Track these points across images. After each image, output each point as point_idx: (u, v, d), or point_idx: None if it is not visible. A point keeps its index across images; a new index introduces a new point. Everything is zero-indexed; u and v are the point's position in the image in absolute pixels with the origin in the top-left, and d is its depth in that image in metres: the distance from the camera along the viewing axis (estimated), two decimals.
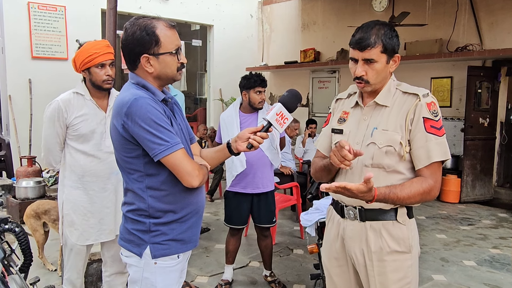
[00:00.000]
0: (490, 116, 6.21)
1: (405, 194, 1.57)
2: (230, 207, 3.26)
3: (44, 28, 6.24)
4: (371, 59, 1.60)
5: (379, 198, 1.54)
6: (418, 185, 1.58)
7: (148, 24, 1.52)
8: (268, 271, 3.44)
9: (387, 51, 1.61)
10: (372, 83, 1.65)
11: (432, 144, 1.58)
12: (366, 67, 1.62)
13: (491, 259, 4.00)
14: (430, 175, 1.59)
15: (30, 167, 5.23)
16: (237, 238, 3.33)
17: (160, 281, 1.60)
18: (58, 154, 2.38)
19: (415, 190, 1.57)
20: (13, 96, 6.07)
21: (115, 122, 1.53)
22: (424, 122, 1.59)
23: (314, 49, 7.96)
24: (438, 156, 1.58)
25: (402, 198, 1.57)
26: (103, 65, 2.26)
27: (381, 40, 1.59)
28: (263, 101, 3.14)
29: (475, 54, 5.87)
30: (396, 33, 1.67)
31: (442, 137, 1.60)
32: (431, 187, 1.58)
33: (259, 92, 3.10)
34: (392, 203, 1.60)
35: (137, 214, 1.58)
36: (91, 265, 2.96)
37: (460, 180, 6.16)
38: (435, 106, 1.62)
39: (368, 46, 1.59)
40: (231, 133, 3.08)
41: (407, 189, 1.58)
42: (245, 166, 3.07)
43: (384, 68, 1.64)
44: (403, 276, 1.67)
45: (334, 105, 1.92)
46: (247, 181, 3.15)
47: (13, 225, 2.16)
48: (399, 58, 1.68)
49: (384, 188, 1.57)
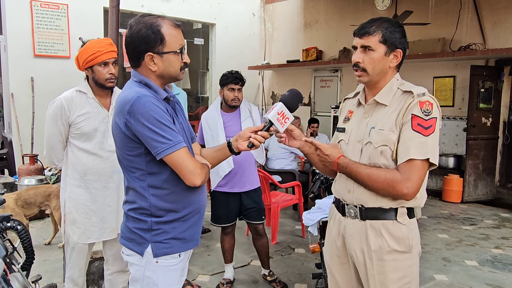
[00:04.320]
0: (493, 115, 6.19)
1: (366, 172, 1.61)
2: (218, 206, 3.22)
3: (47, 26, 6.25)
4: (369, 46, 1.63)
5: (341, 162, 1.68)
6: (383, 172, 1.59)
7: (154, 22, 1.52)
8: (267, 270, 3.42)
9: (387, 42, 1.63)
10: (369, 73, 1.66)
11: (414, 142, 1.55)
12: (363, 55, 1.66)
13: (493, 259, 3.99)
14: (404, 171, 1.56)
15: (32, 165, 5.24)
16: (230, 236, 3.32)
17: (161, 280, 1.59)
18: (61, 152, 2.38)
19: (377, 173, 1.59)
20: (15, 94, 6.07)
21: (118, 120, 1.52)
22: (412, 119, 1.57)
23: (316, 48, 7.95)
24: (416, 154, 1.54)
25: (363, 174, 1.61)
26: (106, 63, 2.26)
27: (381, 30, 1.63)
28: (236, 99, 3.10)
29: (478, 53, 5.84)
30: (402, 30, 1.66)
31: (428, 137, 1.56)
32: (395, 180, 1.55)
33: (231, 89, 3.08)
34: (354, 177, 1.66)
35: (138, 212, 1.58)
36: (93, 263, 2.96)
37: (462, 180, 6.13)
38: (429, 106, 1.58)
39: (367, 33, 1.64)
40: (215, 134, 3.07)
41: (370, 170, 1.61)
42: (232, 165, 3.05)
43: (382, 59, 1.64)
44: (403, 276, 1.66)
45: (342, 105, 1.94)
46: (235, 180, 3.13)
47: (15, 223, 2.16)
48: (401, 54, 1.66)
49: (350, 160, 1.68)
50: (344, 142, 1.77)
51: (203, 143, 3.17)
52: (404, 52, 1.68)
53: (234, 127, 3.09)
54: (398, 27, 1.66)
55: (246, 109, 3.21)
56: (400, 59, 1.67)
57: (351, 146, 1.73)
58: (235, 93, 3.09)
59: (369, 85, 1.72)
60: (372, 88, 1.72)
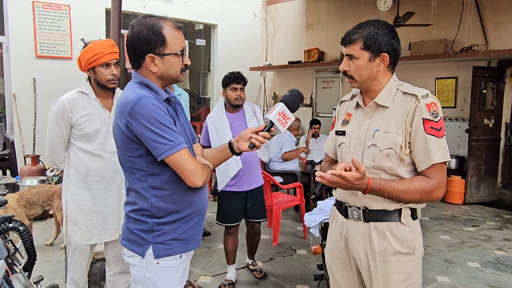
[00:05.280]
0: (495, 117, 6.17)
1: (402, 188, 1.57)
2: (225, 206, 3.26)
3: (49, 27, 6.26)
4: (351, 54, 1.66)
5: (373, 187, 1.56)
6: (418, 182, 1.58)
7: (155, 23, 1.52)
8: (251, 260, 3.58)
9: (369, 48, 1.62)
10: (356, 79, 1.68)
11: (432, 145, 1.56)
12: (349, 63, 1.68)
13: (496, 260, 3.98)
14: (434, 177, 1.57)
15: (34, 166, 5.24)
16: (234, 237, 3.33)
17: (162, 281, 1.59)
18: (63, 153, 2.38)
19: (413, 186, 1.57)
20: (17, 95, 6.09)
21: (118, 121, 1.52)
22: (424, 123, 1.57)
23: (318, 49, 7.94)
24: (439, 157, 1.56)
25: (399, 191, 1.57)
26: (108, 64, 2.27)
27: (362, 37, 1.62)
28: (239, 98, 3.16)
29: (480, 54, 5.83)
30: (389, 31, 1.63)
31: (442, 139, 1.58)
32: (432, 187, 1.57)
33: (234, 89, 3.14)
34: (388, 196, 1.59)
35: (139, 213, 1.58)
36: (95, 264, 2.96)
37: (464, 181, 6.12)
38: (436, 107, 1.59)
39: (349, 42, 1.66)
40: (222, 135, 3.09)
41: (405, 184, 1.58)
42: (241, 165, 3.11)
43: (367, 65, 1.64)
44: (407, 278, 1.66)
45: (339, 108, 1.93)
46: (243, 179, 3.19)
47: (17, 224, 2.16)
48: (388, 58, 1.63)
49: (380, 179, 1.58)
50: (345, 145, 1.76)
51: (208, 145, 3.20)
52: (393, 53, 1.64)
53: (240, 127, 3.11)
54: (385, 29, 1.63)
55: (250, 109, 3.26)
56: (388, 62, 1.64)
57: (353, 148, 1.73)
58: (237, 93, 3.14)
59: (362, 89, 1.74)
60: (367, 92, 1.73)
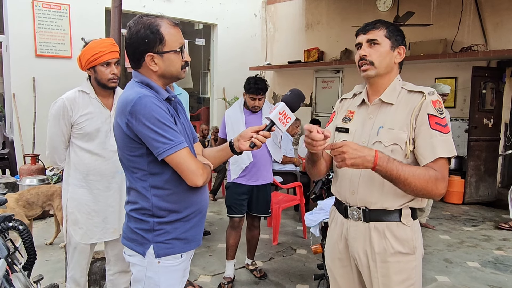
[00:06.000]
0: (495, 117, 6.18)
1: (410, 170, 1.50)
2: (229, 196, 3.35)
3: (48, 26, 6.26)
4: (375, 39, 1.66)
5: (382, 159, 1.48)
6: (423, 170, 1.53)
7: (152, 22, 1.52)
8: (250, 260, 3.60)
9: (391, 38, 1.67)
10: (376, 66, 1.66)
11: (437, 140, 1.56)
12: (369, 49, 1.68)
13: (495, 260, 3.98)
14: (437, 170, 1.55)
15: (34, 165, 5.24)
16: (237, 232, 3.38)
17: (163, 280, 1.59)
18: (63, 152, 2.38)
19: (421, 172, 1.52)
20: (17, 94, 6.08)
21: (119, 121, 1.52)
22: (429, 119, 1.58)
23: (318, 48, 7.95)
24: (443, 152, 1.56)
25: (407, 172, 1.50)
26: (108, 63, 2.27)
27: (385, 27, 1.67)
28: (256, 107, 3.26)
29: (480, 54, 5.84)
30: (402, 33, 1.72)
31: (447, 135, 1.58)
32: (437, 177, 1.53)
33: (253, 98, 3.23)
34: (396, 176, 1.49)
35: (140, 213, 1.58)
36: (95, 263, 2.96)
37: (463, 181, 6.13)
38: (441, 104, 1.62)
39: (372, 28, 1.68)
40: (237, 130, 3.16)
41: (413, 168, 1.52)
42: (251, 159, 3.21)
43: (388, 53, 1.67)
44: (407, 278, 1.66)
45: (339, 105, 1.93)
46: (251, 174, 3.29)
47: (17, 223, 2.17)
48: (404, 51, 1.71)
49: (388, 156, 1.51)
50: None
51: (225, 137, 3.32)
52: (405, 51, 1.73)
53: (255, 124, 3.16)
54: (399, 30, 1.71)
55: (268, 108, 3.33)
56: (404, 56, 1.70)
57: None
58: (256, 102, 3.25)
59: (374, 81, 1.72)
60: (375, 87, 1.73)
